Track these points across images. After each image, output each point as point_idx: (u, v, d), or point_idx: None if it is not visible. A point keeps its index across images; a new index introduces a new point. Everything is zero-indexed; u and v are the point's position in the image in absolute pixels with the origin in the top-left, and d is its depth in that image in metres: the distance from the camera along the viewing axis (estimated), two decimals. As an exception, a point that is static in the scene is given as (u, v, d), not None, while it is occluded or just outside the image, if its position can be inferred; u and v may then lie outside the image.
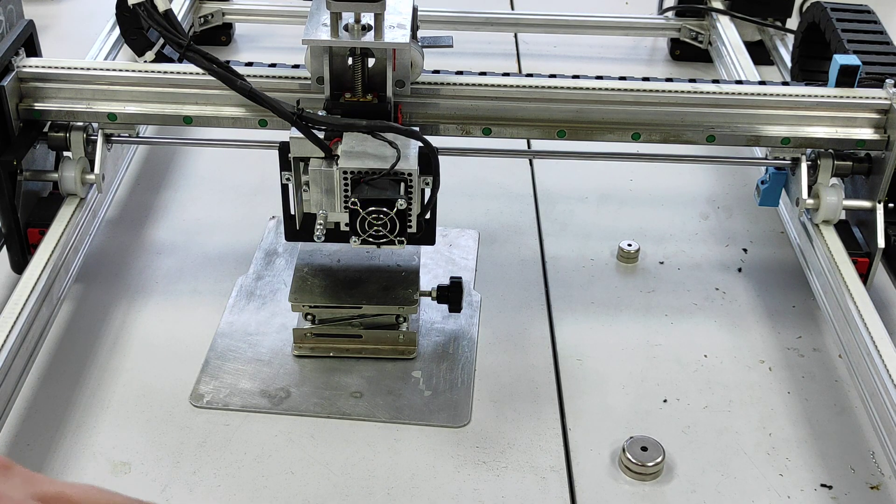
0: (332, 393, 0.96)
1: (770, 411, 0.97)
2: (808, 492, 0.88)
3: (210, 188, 1.28)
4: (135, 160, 1.29)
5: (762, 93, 1.03)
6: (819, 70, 1.31)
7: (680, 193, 1.30)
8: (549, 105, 1.02)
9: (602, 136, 1.04)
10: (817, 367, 1.03)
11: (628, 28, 1.63)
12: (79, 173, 1.04)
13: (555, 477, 0.89)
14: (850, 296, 0.97)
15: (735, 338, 1.06)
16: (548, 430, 0.93)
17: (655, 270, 1.16)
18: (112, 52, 1.29)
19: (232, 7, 1.59)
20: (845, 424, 0.96)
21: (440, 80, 1.02)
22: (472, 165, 1.31)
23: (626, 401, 0.97)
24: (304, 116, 0.87)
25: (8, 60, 1.01)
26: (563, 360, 1.02)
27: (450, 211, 1.19)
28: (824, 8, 1.26)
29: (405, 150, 0.86)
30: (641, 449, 0.89)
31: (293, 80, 1.01)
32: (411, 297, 0.97)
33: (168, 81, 1.02)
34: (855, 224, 1.09)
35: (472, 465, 0.89)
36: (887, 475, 0.90)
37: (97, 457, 0.89)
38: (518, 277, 1.14)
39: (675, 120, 1.04)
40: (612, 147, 1.10)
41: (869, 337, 0.91)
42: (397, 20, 0.93)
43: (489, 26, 1.60)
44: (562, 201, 1.28)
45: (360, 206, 0.84)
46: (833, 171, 1.07)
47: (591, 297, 1.11)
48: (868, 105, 1.04)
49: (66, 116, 1.04)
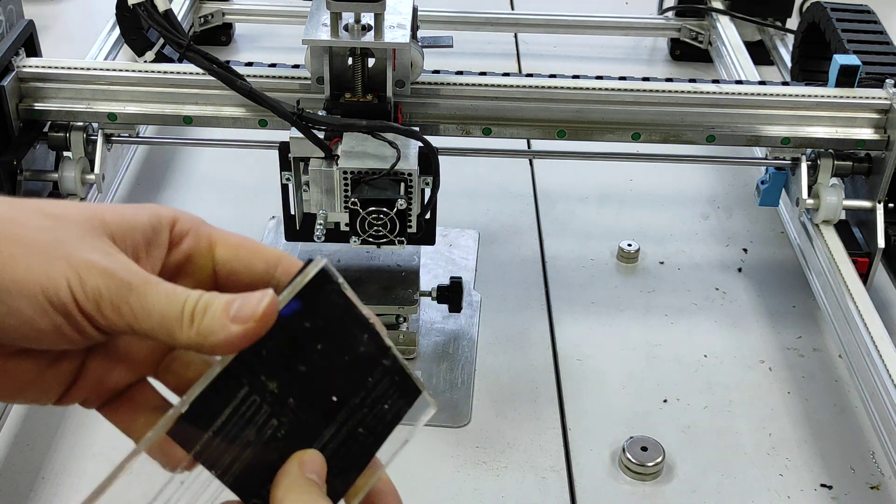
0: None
1: (770, 411, 0.97)
2: (808, 492, 0.88)
3: (210, 188, 1.28)
4: (135, 160, 1.29)
5: (762, 93, 1.03)
6: (819, 70, 1.31)
7: (680, 193, 1.30)
8: (549, 105, 1.02)
9: (602, 136, 1.04)
10: (817, 367, 1.03)
11: (628, 28, 1.62)
12: (79, 173, 1.04)
13: (555, 477, 0.89)
14: (850, 296, 0.97)
15: (735, 338, 1.06)
16: (548, 430, 0.93)
17: (655, 270, 1.16)
18: (112, 52, 1.29)
19: (232, 7, 1.59)
20: (845, 424, 0.96)
21: (440, 80, 1.01)
22: (472, 165, 1.31)
23: (626, 401, 0.97)
24: (304, 116, 0.87)
25: (8, 60, 1.01)
26: (563, 360, 1.02)
27: (450, 211, 1.19)
28: (824, 8, 1.26)
29: (405, 150, 0.86)
30: (641, 449, 0.89)
31: (293, 80, 1.01)
32: (411, 297, 0.97)
33: (168, 81, 1.02)
34: (855, 224, 1.09)
35: (472, 465, 0.89)
36: (887, 475, 0.89)
37: (97, 457, 0.89)
38: (518, 277, 1.14)
39: (675, 120, 1.04)
40: (612, 147, 1.10)
41: (869, 337, 0.91)
42: (397, 20, 0.92)
43: (489, 26, 1.60)
44: (562, 201, 1.28)
45: (360, 206, 0.84)
46: (833, 171, 1.07)
47: (591, 297, 1.11)
48: (868, 105, 1.04)
49: (66, 116, 1.04)
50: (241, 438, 0.40)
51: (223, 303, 0.39)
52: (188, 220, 0.44)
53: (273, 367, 0.40)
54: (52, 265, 0.37)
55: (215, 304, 0.39)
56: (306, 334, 0.41)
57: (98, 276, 0.38)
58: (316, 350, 0.41)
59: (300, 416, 0.41)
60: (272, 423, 0.41)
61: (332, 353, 0.41)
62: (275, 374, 0.40)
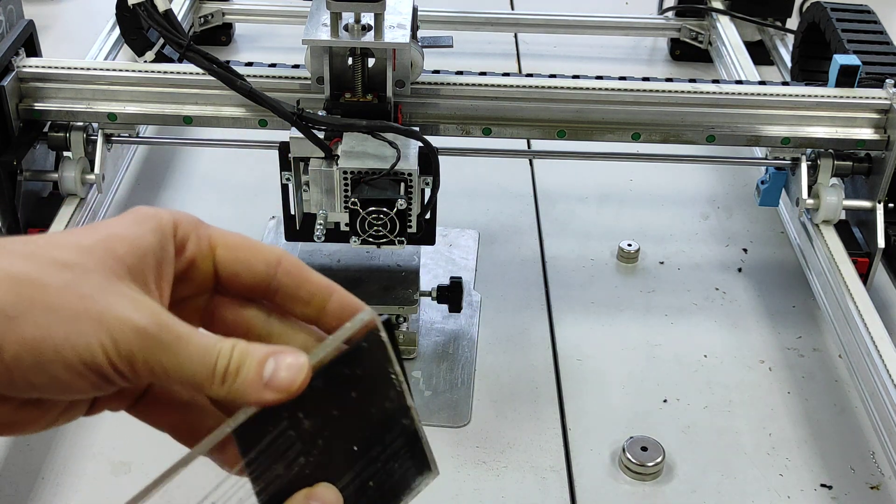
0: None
1: (770, 411, 0.97)
2: (808, 492, 0.88)
3: (210, 188, 1.28)
4: (135, 160, 1.29)
5: (762, 93, 1.03)
6: (819, 70, 1.31)
7: (680, 193, 1.30)
8: (549, 105, 1.02)
9: (602, 136, 1.04)
10: (817, 367, 1.03)
11: (628, 28, 1.62)
12: (79, 173, 1.04)
13: (555, 477, 0.89)
14: (850, 296, 0.97)
15: (735, 338, 1.06)
16: (548, 430, 0.93)
17: (655, 270, 1.16)
18: (112, 52, 1.29)
19: (232, 7, 1.59)
20: (845, 424, 0.96)
21: (440, 80, 1.01)
22: (472, 165, 1.31)
23: (626, 401, 0.97)
24: (304, 116, 0.87)
25: (8, 60, 1.01)
26: (563, 360, 1.02)
27: (450, 211, 1.19)
28: (824, 8, 1.26)
29: (405, 150, 0.86)
30: (641, 449, 0.89)
31: (293, 80, 1.01)
32: (411, 297, 0.97)
33: (168, 81, 1.02)
34: (855, 224, 1.09)
35: (472, 465, 0.89)
36: (887, 475, 0.89)
37: (97, 457, 0.89)
38: (518, 277, 1.14)
39: (675, 120, 1.04)
40: (612, 147, 1.10)
41: (869, 337, 0.91)
42: (397, 20, 0.92)
43: (489, 26, 1.60)
44: (562, 201, 1.28)
45: (360, 206, 0.84)
46: (833, 171, 1.07)
47: (591, 297, 1.11)
48: (868, 105, 1.03)
49: (66, 116, 1.04)
50: (271, 470, 0.40)
51: (256, 363, 0.39)
52: (187, 224, 0.44)
53: (312, 406, 0.41)
54: (84, 329, 0.37)
55: (248, 363, 0.39)
56: (345, 380, 0.42)
57: (131, 335, 0.38)
58: (350, 397, 0.42)
59: (324, 459, 0.41)
60: (300, 461, 0.41)
61: (363, 402, 0.42)
62: (311, 413, 0.41)
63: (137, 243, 0.41)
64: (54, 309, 0.37)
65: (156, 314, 0.39)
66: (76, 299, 0.38)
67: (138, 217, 0.42)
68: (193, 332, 0.39)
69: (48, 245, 0.39)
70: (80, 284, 0.38)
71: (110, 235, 0.41)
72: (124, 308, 0.38)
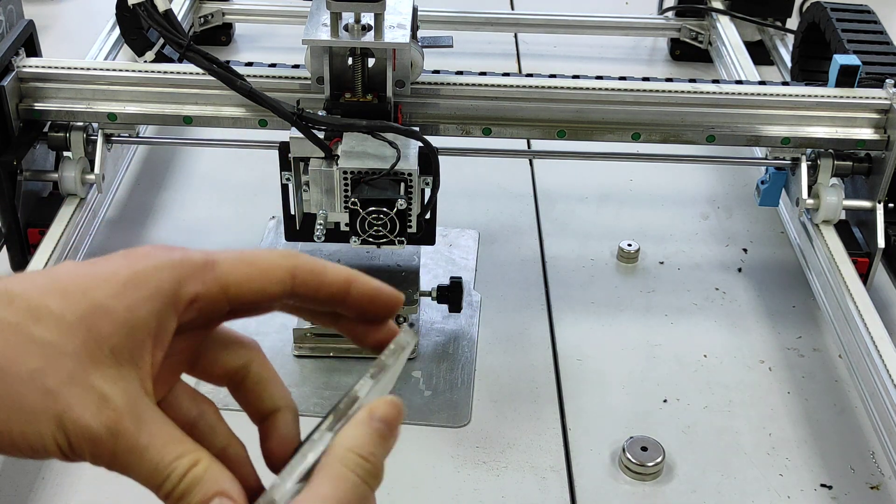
0: (332, 393, 0.96)
1: (770, 411, 0.97)
2: (808, 492, 0.88)
3: (210, 188, 1.28)
4: (135, 160, 1.29)
5: (762, 93, 1.03)
6: (819, 70, 1.31)
7: (680, 193, 1.30)
8: (549, 105, 1.02)
9: (602, 136, 1.04)
10: (817, 367, 1.03)
11: (628, 28, 1.62)
12: (79, 173, 1.04)
13: (555, 477, 0.89)
14: (850, 296, 0.97)
15: (735, 338, 1.06)
16: (548, 430, 0.93)
17: (655, 270, 1.16)
18: (112, 52, 1.29)
19: (232, 7, 1.59)
20: (845, 424, 0.96)
21: (440, 80, 1.01)
22: (472, 165, 1.31)
23: (626, 401, 0.97)
24: (304, 116, 0.87)
25: (8, 60, 1.01)
26: (563, 360, 1.02)
27: (450, 211, 1.19)
28: (824, 8, 1.26)
29: (405, 150, 0.86)
30: (641, 449, 0.89)
31: (293, 80, 1.01)
32: (411, 297, 0.97)
33: (168, 81, 1.02)
34: (855, 224, 1.09)
35: (472, 465, 0.89)
36: (887, 475, 0.89)
37: (97, 457, 0.88)
38: (518, 277, 1.14)
39: (675, 120, 1.04)
40: (612, 147, 1.10)
41: (869, 337, 0.91)
42: (397, 20, 0.93)
43: (489, 26, 1.60)
44: (562, 201, 1.28)
45: (360, 206, 0.84)
46: (833, 171, 1.07)
47: (591, 297, 1.11)
48: (868, 105, 1.04)
49: (66, 116, 1.04)
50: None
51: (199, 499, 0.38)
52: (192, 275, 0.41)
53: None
54: (41, 430, 0.37)
55: (193, 493, 0.38)
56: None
57: (84, 442, 0.37)
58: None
59: None
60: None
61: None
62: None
63: (126, 318, 0.39)
64: (14, 405, 0.37)
65: (115, 420, 0.38)
66: (38, 396, 0.37)
67: (137, 275, 0.40)
68: (151, 443, 0.38)
69: (29, 315, 0.38)
70: (48, 375, 0.37)
71: (97, 309, 0.38)
72: (84, 410, 0.37)
